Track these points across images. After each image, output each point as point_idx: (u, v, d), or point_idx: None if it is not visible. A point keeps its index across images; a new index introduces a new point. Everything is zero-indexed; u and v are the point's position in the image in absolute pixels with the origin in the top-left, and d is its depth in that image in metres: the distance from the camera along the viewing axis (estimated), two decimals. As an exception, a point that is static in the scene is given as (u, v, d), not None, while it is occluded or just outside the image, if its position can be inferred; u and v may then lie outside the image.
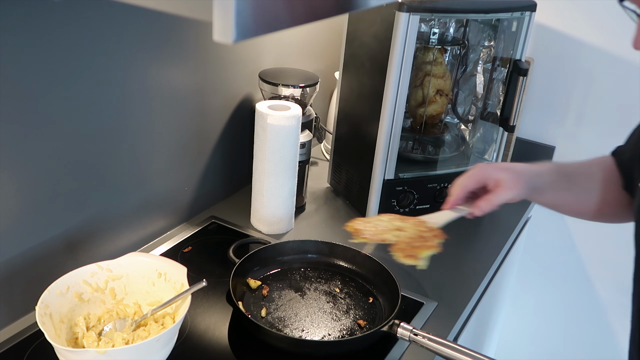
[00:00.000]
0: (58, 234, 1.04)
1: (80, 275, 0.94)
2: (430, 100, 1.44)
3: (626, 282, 0.90)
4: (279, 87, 1.33)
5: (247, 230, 1.33)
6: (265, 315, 1.05)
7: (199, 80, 1.26)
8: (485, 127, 1.51)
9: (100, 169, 1.09)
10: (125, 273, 0.98)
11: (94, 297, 0.96)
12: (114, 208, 1.14)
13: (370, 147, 1.34)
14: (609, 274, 1.76)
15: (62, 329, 0.89)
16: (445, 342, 0.95)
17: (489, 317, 1.60)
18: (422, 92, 1.44)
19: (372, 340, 1.01)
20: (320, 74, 1.48)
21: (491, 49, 1.45)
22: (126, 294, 0.99)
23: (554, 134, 1.74)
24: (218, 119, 1.35)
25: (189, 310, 1.06)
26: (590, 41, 1.61)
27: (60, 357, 0.83)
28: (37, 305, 0.85)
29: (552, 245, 1.81)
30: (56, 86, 0.95)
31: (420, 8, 1.20)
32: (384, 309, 1.09)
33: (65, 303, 0.91)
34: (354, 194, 1.44)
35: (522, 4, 1.34)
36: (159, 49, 1.13)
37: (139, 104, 1.12)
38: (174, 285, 0.97)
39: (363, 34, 1.35)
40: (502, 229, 1.45)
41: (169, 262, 1.00)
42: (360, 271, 1.18)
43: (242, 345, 1.01)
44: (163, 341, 0.88)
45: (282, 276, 1.16)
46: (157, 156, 1.21)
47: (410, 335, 0.97)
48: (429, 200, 1.42)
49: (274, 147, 1.23)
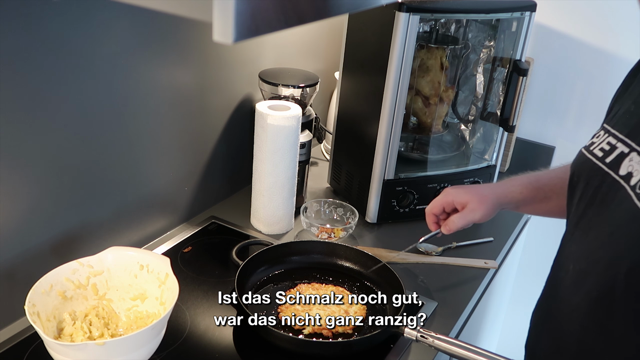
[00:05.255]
0: (58, 233, 1.04)
1: (62, 273, 0.94)
2: (431, 100, 1.44)
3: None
4: (279, 87, 1.33)
5: (247, 230, 1.33)
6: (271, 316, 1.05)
7: (199, 80, 1.26)
8: (485, 127, 1.51)
9: (99, 169, 1.09)
10: (107, 268, 0.98)
11: (77, 294, 0.96)
12: (114, 208, 1.14)
13: (370, 147, 1.34)
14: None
15: (49, 327, 0.90)
16: (455, 341, 0.95)
17: (489, 317, 1.60)
18: (422, 92, 1.43)
19: (379, 340, 1.01)
20: (320, 74, 1.48)
21: (491, 49, 1.44)
22: (108, 288, 0.99)
23: (554, 134, 1.74)
24: (218, 119, 1.35)
25: (189, 310, 1.06)
26: (590, 41, 1.61)
27: (57, 354, 0.83)
28: (25, 305, 0.86)
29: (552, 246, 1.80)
30: (55, 86, 0.95)
31: (420, 8, 1.20)
32: (387, 308, 1.09)
33: (50, 301, 0.91)
34: (354, 194, 1.44)
35: (522, 4, 1.34)
36: (159, 49, 1.13)
37: (139, 103, 1.12)
38: (158, 276, 0.98)
39: (363, 34, 1.35)
40: (502, 229, 1.45)
41: (150, 254, 1.01)
42: (364, 271, 1.18)
43: (248, 345, 1.01)
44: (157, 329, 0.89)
45: (285, 277, 1.16)
46: (157, 156, 1.21)
47: (417, 334, 0.97)
48: (429, 201, 1.41)
49: (274, 147, 1.23)
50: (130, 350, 0.85)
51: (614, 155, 0.79)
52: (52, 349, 0.84)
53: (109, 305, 0.98)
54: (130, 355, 0.85)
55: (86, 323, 0.93)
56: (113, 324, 0.96)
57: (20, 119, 0.92)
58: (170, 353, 0.96)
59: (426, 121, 1.47)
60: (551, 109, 1.72)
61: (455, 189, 1.14)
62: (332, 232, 1.30)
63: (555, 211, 1.07)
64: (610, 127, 0.84)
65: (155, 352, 0.91)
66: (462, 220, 1.10)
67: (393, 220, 1.41)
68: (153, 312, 0.98)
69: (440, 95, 1.44)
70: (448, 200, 1.12)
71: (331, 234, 1.30)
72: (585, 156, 0.85)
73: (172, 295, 0.92)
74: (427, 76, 1.41)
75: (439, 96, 1.44)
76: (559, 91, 1.70)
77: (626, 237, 0.72)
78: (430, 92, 1.43)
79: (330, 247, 1.21)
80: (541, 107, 1.73)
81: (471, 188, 1.14)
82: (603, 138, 0.83)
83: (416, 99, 1.44)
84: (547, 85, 1.70)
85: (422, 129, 1.48)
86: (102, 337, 0.92)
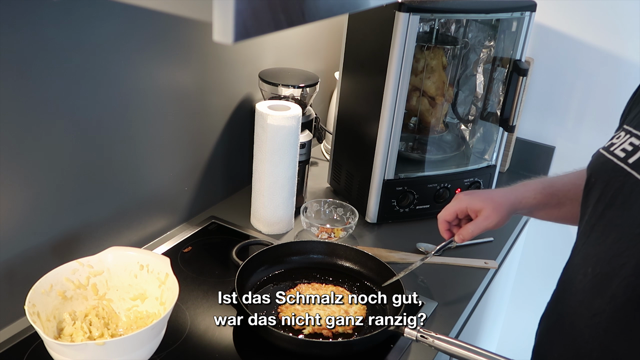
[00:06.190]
0: (58, 233, 1.04)
1: (62, 273, 0.94)
2: (437, 100, 1.44)
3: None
4: (279, 87, 1.33)
5: (247, 230, 1.33)
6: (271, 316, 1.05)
7: (199, 80, 1.26)
8: (485, 127, 1.51)
9: (99, 169, 1.09)
10: (107, 268, 0.98)
11: (77, 294, 0.96)
12: (114, 208, 1.14)
13: (370, 147, 1.34)
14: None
15: (49, 327, 0.90)
16: (455, 341, 0.95)
17: (489, 317, 1.60)
18: (428, 93, 1.44)
19: (379, 340, 1.01)
20: (320, 74, 1.48)
21: (491, 49, 1.45)
22: (108, 288, 0.99)
23: (554, 134, 1.74)
24: (218, 119, 1.35)
25: (189, 310, 1.06)
26: (590, 41, 1.61)
27: (57, 354, 0.83)
28: (25, 305, 0.86)
29: (552, 245, 1.81)
30: (55, 86, 0.95)
31: (420, 8, 1.20)
32: (387, 308, 1.09)
33: (50, 301, 0.91)
34: (354, 194, 1.44)
35: (522, 4, 1.34)
36: (159, 49, 1.13)
37: (139, 104, 1.12)
38: (158, 276, 0.98)
39: (363, 34, 1.35)
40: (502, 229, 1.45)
41: (150, 254, 1.01)
42: (364, 271, 1.18)
43: (248, 345, 1.01)
44: (157, 329, 0.89)
45: (285, 277, 1.16)
46: (157, 156, 1.21)
47: (417, 334, 0.97)
48: (429, 201, 1.42)
49: (274, 147, 1.23)
50: (130, 350, 0.85)
51: (638, 155, 0.77)
52: (52, 349, 0.84)
53: (109, 305, 0.98)
54: (130, 355, 0.85)
55: (86, 323, 0.93)
56: (113, 324, 0.96)
57: (20, 119, 0.92)
58: (170, 353, 0.96)
59: (431, 121, 1.47)
60: (551, 109, 1.72)
61: (468, 195, 1.10)
62: (332, 232, 1.30)
63: (567, 217, 1.06)
64: (632, 127, 0.82)
65: (155, 352, 0.91)
66: (477, 229, 1.06)
67: (393, 220, 1.41)
68: (153, 312, 0.98)
69: (440, 95, 1.44)
70: (462, 207, 1.08)
71: (331, 234, 1.30)
72: (604, 157, 0.83)
73: (172, 295, 0.92)
74: (432, 77, 1.41)
75: (439, 96, 1.44)
76: (559, 91, 1.70)
77: None
78: (437, 92, 1.43)
79: (330, 247, 1.21)
80: (541, 107, 1.73)
81: (484, 194, 1.11)
82: (624, 139, 0.81)
83: (423, 100, 1.44)
84: (547, 85, 1.70)
85: (426, 129, 1.48)
86: (102, 337, 0.92)
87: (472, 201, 1.07)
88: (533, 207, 1.07)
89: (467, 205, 1.07)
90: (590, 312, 0.79)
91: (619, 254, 0.76)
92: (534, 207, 1.07)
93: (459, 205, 1.08)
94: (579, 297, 0.82)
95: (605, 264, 0.78)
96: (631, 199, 0.76)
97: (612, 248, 0.77)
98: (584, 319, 0.80)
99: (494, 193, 1.10)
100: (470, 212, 1.08)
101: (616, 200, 0.78)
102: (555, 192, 1.07)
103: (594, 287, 0.79)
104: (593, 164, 0.86)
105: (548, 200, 1.06)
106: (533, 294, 1.91)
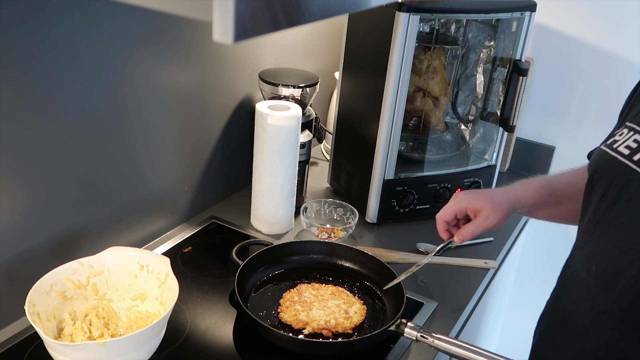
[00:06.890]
0: (58, 233, 1.04)
1: (62, 273, 0.94)
2: (440, 100, 1.44)
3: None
4: (279, 87, 1.33)
5: (247, 230, 1.33)
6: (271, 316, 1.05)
7: (199, 80, 1.26)
8: (485, 127, 1.51)
9: (99, 169, 1.09)
10: (107, 268, 0.98)
11: (77, 294, 0.96)
12: (114, 208, 1.14)
13: (370, 147, 1.34)
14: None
15: (49, 327, 0.90)
16: (455, 341, 0.95)
17: (489, 317, 1.60)
18: (432, 93, 1.44)
19: (379, 340, 1.01)
20: (320, 74, 1.48)
21: (491, 49, 1.45)
22: (108, 288, 0.99)
23: (554, 134, 1.74)
24: (218, 119, 1.35)
25: (189, 310, 1.06)
26: (590, 41, 1.61)
27: (57, 354, 0.83)
28: (25, 305, 0.86)
29: (552, 245, 1.81)
30: (55, 86, 0.95)
31: (420, 8, 1.20)
32: (388, 308, 1.09)
33: (50, 301, 0.91)
34: (354, 194, 1.44)
35: (522, 4, 1.34)
36: (159, 49, 1.13)
37: (139, 104, 1.12)
38: (158, 276, 0.98)
39: (363, 34, 1.35)
40: (502, 229, 1.45)
41: (150, 254, 1.01)
42: (364, 271, 1.18)
43: (248, 346, 1.01)
44: (157, 329, 0.89)
45: (285, 277, 1.16)
46: (157, 156, 1.21)
47: (418, 334, 0.97)
48: (429, 201, 1.42)
49: (274, 147, 1.23)
50: (130, 350, 0.85)
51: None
52: (52, 349, 0.84)
53: (109, 305, 0.98)
54: (130, 355, 0.85)
55: (86, 323, 0.93)
56: (113, 324, 0.96)
57: (21, 119, 0.92)
58: (170, 353, 0.96)
59: (434, 121, 1.47)
60: (551, 109, 1.72)
61: (467, 195, 1.08)
62: (332, 232, 1.30)
63: (566, 216, 1.06)
64: (635, 124, 0.81)
65: (155, 352, 0.91)
66: (477, 229, 1.05)
67: (393, 220, 1.41)
68: (153, 312, 0.98)
69: (440, 95, 1.44)
70: (461, 207, 1.07)
71: (331, 234, 1.30)
72: (608, 154, 0.82)
73: (172, 295, 0.92)
74: (436, 77, 1.41)
75: (439, 96, 1.44)
76: (559, 91, 1.70)
77: None
78: (440, 92, 1.43)
79: (330, 247, 1.21)
80: (541, 107, 1.73)
81: (483, 193, 1.09)
82: (628, 136, 0.80)
83: (427, 100, 1.44)
84: (547, 85, 1.70)
85: (426, 129, 1.49)
86: (102, 337, 0.92)
87: (472, 201, 1.06)
88: (532, 206, 1.07)
89: (467, 205, 1.06)
90: (596, 310, 0.78)
91: (626, 252, 0.75)
92: (533, 206, 1.07)
93: (458, 206, 1.07)
94: (583, 295, 0.81)
95: (611, 261, 0.77)
96: (637, 197, 0.75)
97: (618, 245, 0.77)
98: (589, 316, 0.79)
99: (493, 193, 1.09)
100: (469, 212, 1.07)
101: (621, 198, 0.77)
102: (554, 191, 1.06)
103: (600, 285, 0.78)
104: (596, 161, 0.85)
105: (547, 199, 1.06)
106: (533, 294, 1.91)
